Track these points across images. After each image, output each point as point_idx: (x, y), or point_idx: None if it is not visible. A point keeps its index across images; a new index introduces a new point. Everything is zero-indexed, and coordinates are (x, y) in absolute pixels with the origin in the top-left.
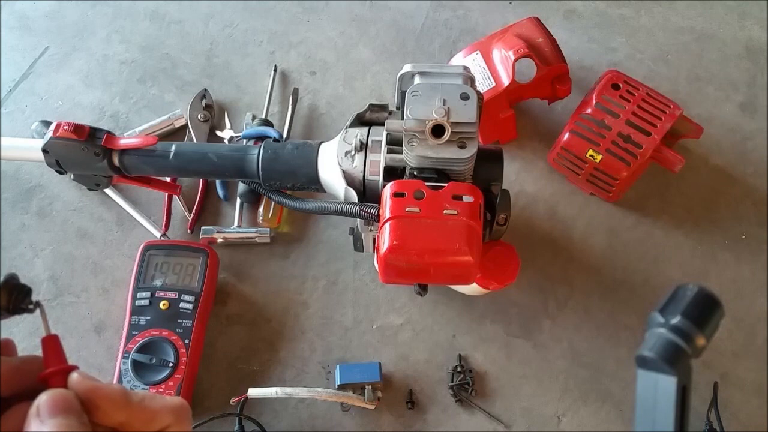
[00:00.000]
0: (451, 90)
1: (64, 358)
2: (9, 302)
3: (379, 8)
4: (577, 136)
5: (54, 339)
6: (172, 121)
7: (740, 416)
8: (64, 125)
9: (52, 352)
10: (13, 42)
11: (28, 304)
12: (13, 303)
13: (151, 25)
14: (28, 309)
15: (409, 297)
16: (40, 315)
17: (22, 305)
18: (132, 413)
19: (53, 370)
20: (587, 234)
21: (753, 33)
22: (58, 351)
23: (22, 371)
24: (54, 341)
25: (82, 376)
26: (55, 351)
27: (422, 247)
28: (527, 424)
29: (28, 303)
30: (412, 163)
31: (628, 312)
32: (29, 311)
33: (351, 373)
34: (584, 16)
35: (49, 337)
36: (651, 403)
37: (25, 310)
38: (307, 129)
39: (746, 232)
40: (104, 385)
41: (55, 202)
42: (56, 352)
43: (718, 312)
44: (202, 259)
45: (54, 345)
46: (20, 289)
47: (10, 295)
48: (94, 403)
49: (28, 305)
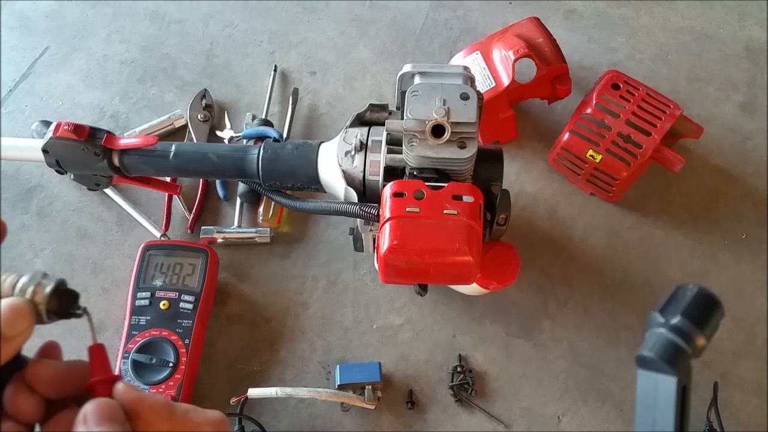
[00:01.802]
0: (451, 90)
1: (109, 367)
2: (60, 307)
3: (379, 8)
4: (577, 136)
5: (100, 348)
6: (172, 121)
7: (740, 416)
8: (64, 125)
9: (98, 360)
10: (13, 42)
11: (76, 309)
12: (63, 308)
13: (151, 25)
14: (75, 314)
15: (409, 297)
16: (88, 322)
17: (71, 310)
18: (175, 425)
19: (99, 378)
20: (587, 234)
21: (753, 33)
22: (104, 360)
23: (71, 376)
24: (100, 350)
25: (127, 386)
26: (100, 360)
27: (422, 247)
28: (527, 424)
29: (76, 308)
30: (412, 163)
31: (628, 312)
32: (77, 316)
33: (351, 373)
34: (584, 16)
35: (96, 345)
36: (651, 403)
37: (73, 315)
38: (307, 129)
39: (746, 232)
40: (149, 396)
41: (55, 202)
42: (102, 361)
43: (718, 312)
44: (202, 259)
45: (100, 354)
46: (70, 294)
47: (60, 299)
48: (139, 414)
49: (76, 310)
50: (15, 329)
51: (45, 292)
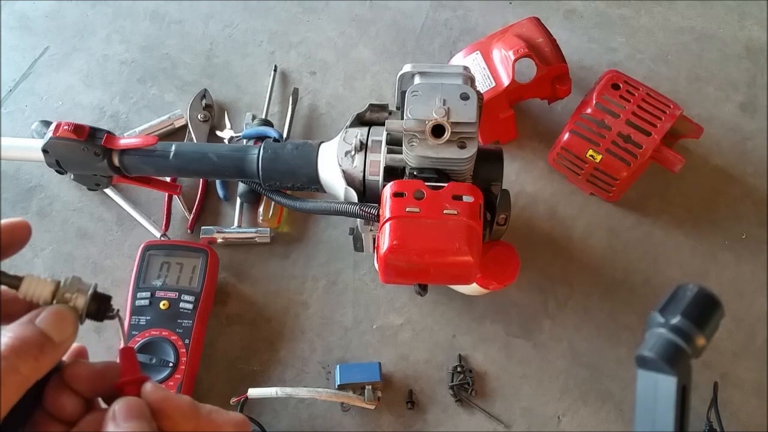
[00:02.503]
0: (451, 90)
1: (138, 368)
2: (98, 310)
3: (379, 8)
4: (577, 136)
5: (130, 350)
6: (172, 121)
7: (740, 416)
8: (64, 125)
9: (129, 362)
10: (13, 42)
11: (110, 311)
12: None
13: (151, 25)
14: (109, 316)
15: (409, 297)
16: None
17: (108, 313)
18: (199, 424)
19: (129, 379)
20: (587, 234)
21: (753, 33)
22: (134, 361)
23: (104, 376)
24: (130, 352)
25: (155, 386)
26: (131, 361)
27: (422, 247)
28: (527, 424)
29: (111, 310)
30: (412, 163)
31: (628, 312)
32: (111, 318)
33: (351, 373)
34: (584, 16)
35: (127, 348)
36: (651, 403)
37: (108, 317)
38: (307, 129)
39: (746, 232)
40: (176, 397)
41: (55, 202)
42: (132, 363)
43: (718, 312)
44: (202, 259)
45: (130, 355)
46: (104, 297)
47: (99, 304)
48: (165, 413)
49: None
50: (63, 335)
51: (85, 298)
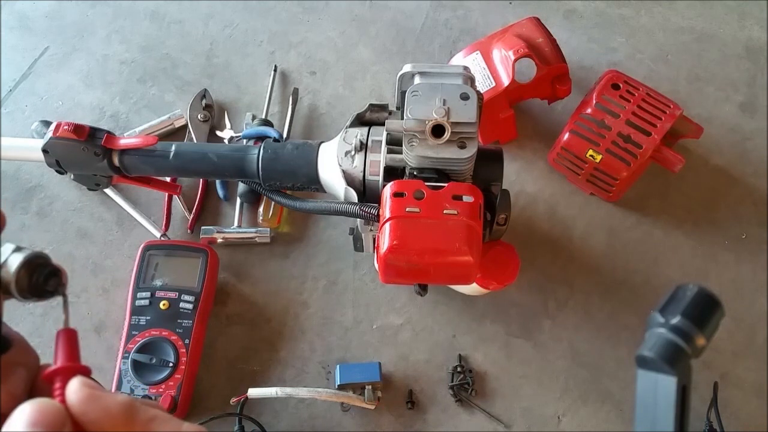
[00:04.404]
0: (451, 90)
1: (77, 356)
2: (30, 283)
3: (379, 8)
4: (577, 136)
5: (71, 333)
6: (172, 121)
7: (740, 416)
8: (64, 125)
9: (66, 347)
10: (13, 42)
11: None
12: (34, 284)
13: (151, 25)
14: (48, 291)
15: (409, 297)
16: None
17: (46, 287)
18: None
19: (61, 367)
20: (587, 234)
21: (753, 33)
22: (72, 347)
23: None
24: (71, 336)
25: (81, 383)
26: (69, 347)
27: (422, 247)
28: (527, 424)
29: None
30: (412, 163)
31: (628, 312)
32: (51, 294)
33: (351, 373)
34: (584, 16)
35: (67, 330)
36: (651, 403)
37: (47, 292)
38: (307, 129)
39: (746, 232)
40: (106, 397)
41: (55, 202)
42: (70, 348)
43: (718, 312)
44: (202, 259)
45: (69, 340)
46: (44, 268)
47: (31, 275)
48: (89, 417)
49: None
50: None
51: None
